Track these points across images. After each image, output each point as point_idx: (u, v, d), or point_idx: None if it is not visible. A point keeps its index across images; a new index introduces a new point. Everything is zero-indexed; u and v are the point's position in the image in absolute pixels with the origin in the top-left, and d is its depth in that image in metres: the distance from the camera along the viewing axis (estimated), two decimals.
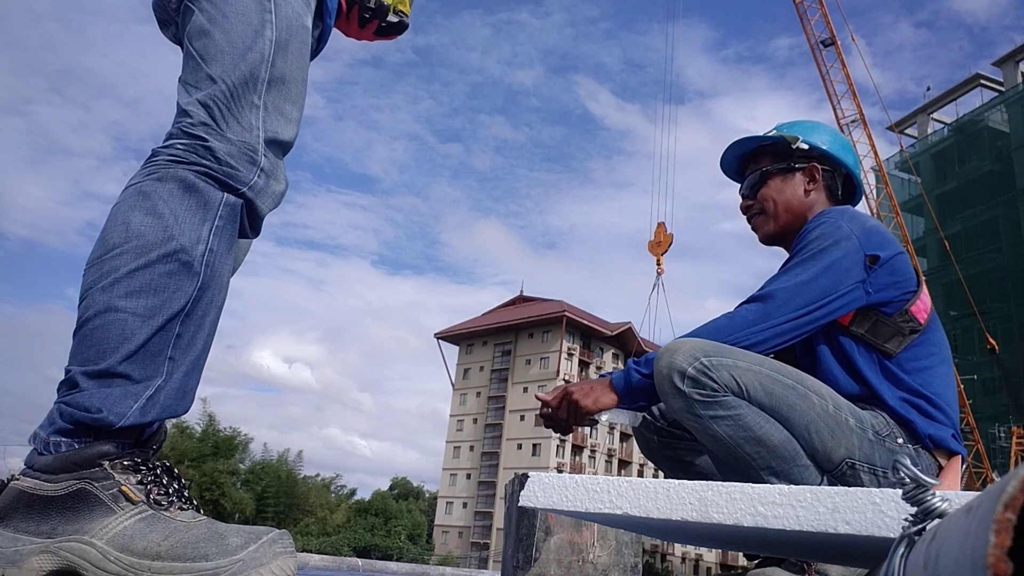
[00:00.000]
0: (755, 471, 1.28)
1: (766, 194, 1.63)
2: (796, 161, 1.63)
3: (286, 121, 1.13)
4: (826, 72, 26.40)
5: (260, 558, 0.88)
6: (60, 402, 0.95)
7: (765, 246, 1.68)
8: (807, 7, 26.42)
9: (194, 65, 1.10)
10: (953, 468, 1.39)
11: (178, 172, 1.03)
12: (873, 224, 1.48)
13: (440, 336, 65.19)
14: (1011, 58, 34.93)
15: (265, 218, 1.14)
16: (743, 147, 1.70)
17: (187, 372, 1.02)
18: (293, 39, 1.15)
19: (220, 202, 1.05)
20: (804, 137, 1.63)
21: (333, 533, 40.26)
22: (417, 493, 65.51)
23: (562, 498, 1.13)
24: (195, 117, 1.06)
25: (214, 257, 1.04)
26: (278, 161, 1.13)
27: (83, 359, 0.96)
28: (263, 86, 1.10)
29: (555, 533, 2.80)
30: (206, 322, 1.05)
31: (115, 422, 0.94)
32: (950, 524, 0.37)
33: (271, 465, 39.60)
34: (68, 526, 0.91)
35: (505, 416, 58.47)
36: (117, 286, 0.97)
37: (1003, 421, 28.55)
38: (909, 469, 0.54)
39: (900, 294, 1.44)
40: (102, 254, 1.00)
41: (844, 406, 1.35)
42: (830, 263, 1.41)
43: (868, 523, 0.85)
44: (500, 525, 39.41)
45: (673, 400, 1.29)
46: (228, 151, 1.05)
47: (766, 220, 1.64)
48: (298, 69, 1.16)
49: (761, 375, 1.28)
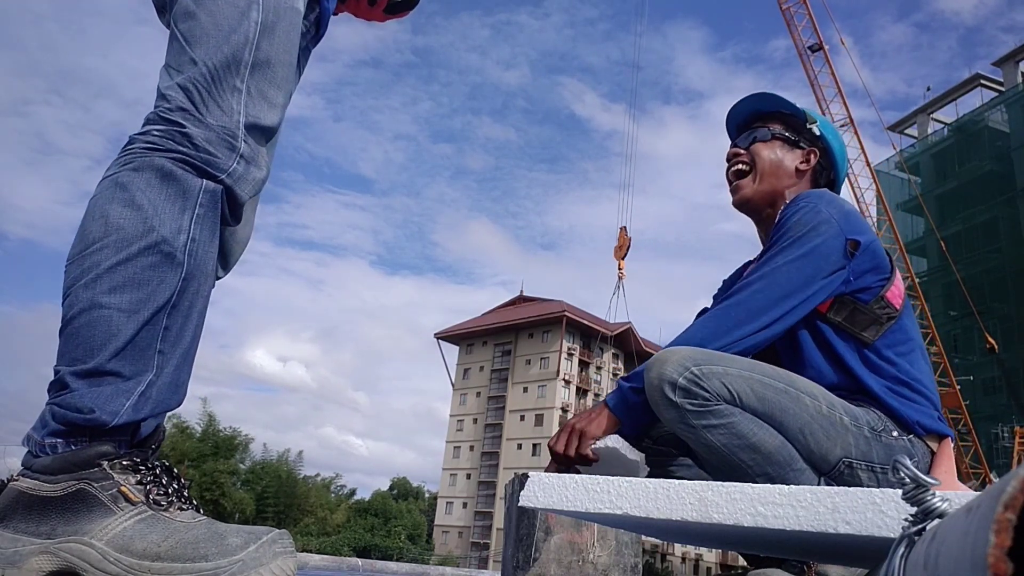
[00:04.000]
0: (751, 479, 1.27)
1: (760, 149, 1.63)
2: (802, 140, 1.63)
3: (269, 106, 1.11)
4: (814, 77, 26.50)
5: (260, 558, 0.88)
6: (51, 403, 0.94)
7: (739, 211, 1.66)
8: (794, 12, 26.47)
9: (178, 48, 1.07)
10: (946, 451, 1.40)
11: (155, 160, 1.01)
12: (851, 208, 1.48)
13: (440, 336, 65.17)
14: (1011, 58, 34.93)
15: (245, 206, 1.11)
16: (763, 103, 1.68)
17: (178, 365, 1.01)
18: (280, 21, 1.12)
19: (200, 189, 1.02)
20: (820, 125, 1.64)
21: (333, 533, 40.24)
22: (417, 493, 65.51)
23: (562, 498, 1.12)
24: (173, 102, 1.03)
25: (197, 246, 1.02)
26: (259, 147, 1.10)
27: (71, 358, 0.95)
28: (246, 69, 1.07)
29: (555, 533, 2.80)
30: (193, 313, 1.03)
31: (108, 421, 0.93)
32: (950, 524, 0.37)
33: (271, 465, 39.57)
34: (67, 527, 0.91)
35: (505, 416, 58.45)
36: (100, 282, 0.96)
37: (1005, 420, 28.56)
38: (909, 469, 0.54)
39: (877, 279, 1.44)
40: (82, 249, 0.98)
41: (837, 405, 1.34)
42: (811, 249, 1.40)
43: (868, 523, 0.85)
44: (500, 525, 39.38)
45: (666, 411, 1.28)
46: (206, 137, 1.03)
47: (749, 180, 1.63)
48: (285, 53, 1.13)
49: (752, 381, 1.28)
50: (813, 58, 26.44)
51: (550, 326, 58.40)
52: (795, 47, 26.71)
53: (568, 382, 57.09)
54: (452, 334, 65.03)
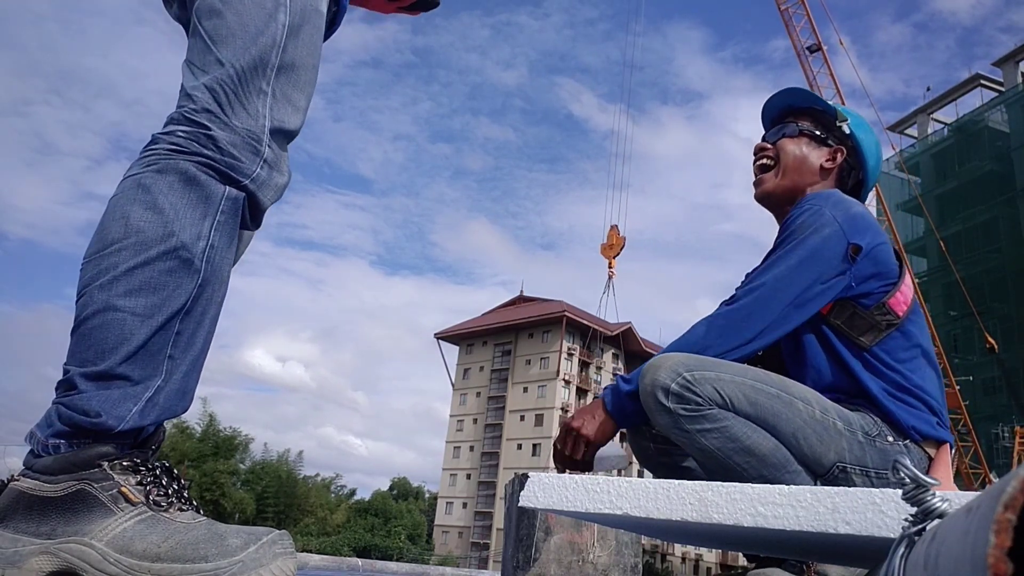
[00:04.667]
0: (747, 481, 1.28)
1: (786, 145, 1.62)
2: (831, 137, 1.62)
3: (293, 109, 1.10)
4: (813, 77, 26.43)
5: (260, 559, 0.88)
6: (58, 403, 0.94)
7: (760, 204, 1.66)
8: (792, 13, 26.45)
9: (202, 46, 1.06)
10: (943, 458, 1.39)
11: (179, 164, 1.00)
12: (858, 211, 1.47)
13: (440, 336, 65.17)
14: (1011, 58, 34.92)
15: (266, 211, 1.11)
16: (795, 99, 1.69)
17: (187, 372, 1.00)
18: (306, 24, 1.11)
19: (222, 196, 1.02)
20: (851, 123, 1.63)
21: (333, 533, 40.25)
22: (417, 493, 65.50)
23: (562, 498, 1.12)
24: (199, 103, 1.02)
25: (215, 253, 1.01)
26: (282, 152, 1.10)
27: (82, 359, 0.95)
28: (272, 72, 1.06)
29: (555, 533, 2.80)
30: (206, 319, 1.02)
31: (114, 426, 0.93)
32: (950, 524, 0.37)
33: (271, 465, 39.58)
34: (68, 527, 0.91)
35: (505, 416, 58.45)
36: (116, 284, 0.95)
37: (1005, 420, 28.54)
38: (909, 469, 0.54)
39: (880, 285, 1.43)
40: (100, 249, 0.98)
41: (831, 409, 1.34)
42: (811, 252, 1.40)
43: (868, 523, 0.85)
44: (500, 525, 39.37)
45: (660, 417, 1.29)
46: (231, 140, 1.02)
47: (771, 175, 1.63)
48: (308, 56, 1.12)
49: (744, 386, 1.28)
50: (812, 59, 26.40)
51: (550, 326, 58.39)
52: (793, 48, 26.69)
53: (568, 382, 57.08)
54: (452, 334, 65.01)
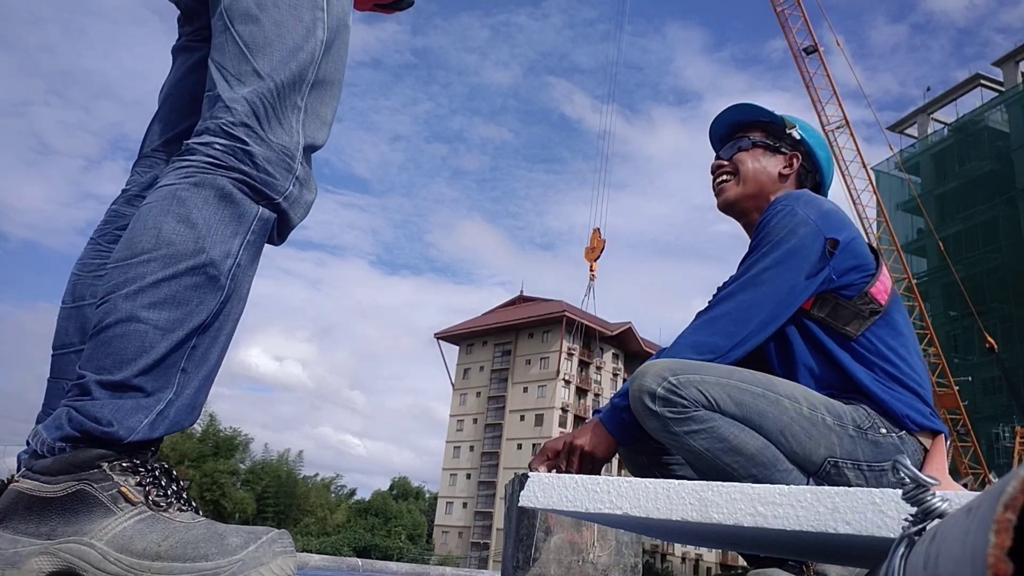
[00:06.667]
0: (738, 481, 1.29)
1: (743, 157, 1.66)
2: (783, 145, 1.66)
3: (321, 124, 1.10)
4: (809, 79, 26.45)
5: (260, 558, 0.88)
6: (70, 406, 0.94)
7: (725, 214, 1.69)
8: (788, 14, 26.44)
9: (236, 52, 1.04)
10: (938, 448, 1.40)
11: (216, 180, 0.99)
12: (830, 207, 1.49)
13: (440, 336, 65.18)
14: (1011, 58, 34.93)
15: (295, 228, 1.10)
16: (742, 114, 1.72)
17: (198, 387, 1.00)
18: (337, 39, 1.11)
19: (255, 216, 1.02)
20: (800, 128, 1.68)
21: (333, 533, 40.27)
22: (417, 493, 65.52)
23: (562, 498, 1.13)
24: (237, 116, 1.01)
25: (240, 271, 1.01)
26: (310, 169, 1.09)
27: (99, 366, 0.94)
28: (307, 88, 1.06)
29: (555, 533, 2.80)
30: (221, 336, 1.02)
31: (124, 437, 0.93)
32: (950, 524, 0.37)
33: (271, 465, 39.62)
34: (67, 527, 0.91)
35: (505, 416, 58.46)
36: (141, 295, 0.95)
37: (1005, 420, 28.55)
38: (909, 469, 0.54)
39: (860, 277, 1.45)
40: (128, 256, 0.97)
41: (820, 405, 1.34)
42: (790, 252, 1.42)
43: (868, 523, 0.85)
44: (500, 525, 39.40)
45: (648, 421, 1.31)
46: (267, 156, 1.01)
47: (733, 184, 1.66)
48: (337, 71, 1.12)
49: (729, 387, 1.30)
50: (808, 60, 26.39)
51: (550, 326, 58.41)
52: (790, 49, 26.67)
53: (568, 382, 57.10)
54: (452, 334, 65.03)
